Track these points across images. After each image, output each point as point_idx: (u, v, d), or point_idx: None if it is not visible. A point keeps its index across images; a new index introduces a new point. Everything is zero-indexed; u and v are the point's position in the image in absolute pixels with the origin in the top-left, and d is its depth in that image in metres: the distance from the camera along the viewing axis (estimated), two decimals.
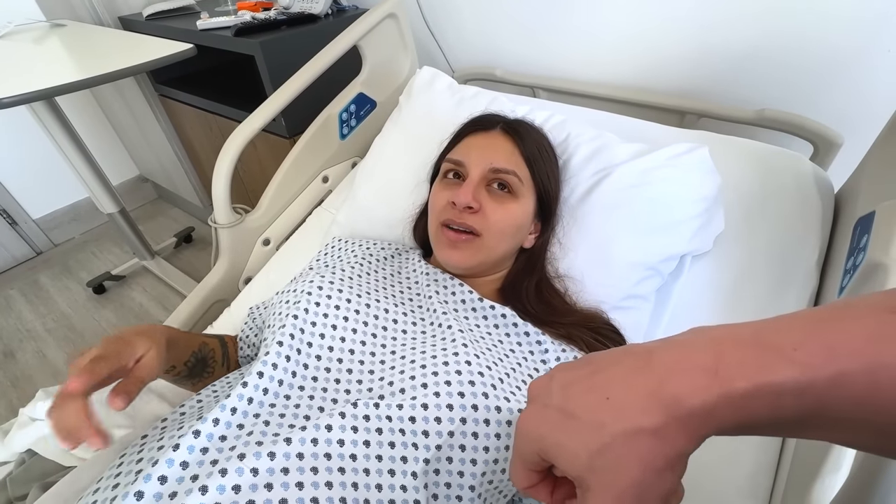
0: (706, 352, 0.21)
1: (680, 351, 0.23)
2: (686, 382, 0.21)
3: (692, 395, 0.20)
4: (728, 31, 0.82)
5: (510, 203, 0.58)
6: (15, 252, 1.80)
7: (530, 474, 0.26)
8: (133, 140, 1.90)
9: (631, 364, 0.23)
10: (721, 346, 0.21)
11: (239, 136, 0.78)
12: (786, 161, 0.71)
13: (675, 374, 0.21)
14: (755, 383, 0.20)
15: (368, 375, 0.47)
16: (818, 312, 0.21)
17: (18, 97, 0.88)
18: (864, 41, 0.72)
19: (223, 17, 1.18)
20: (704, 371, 0.21)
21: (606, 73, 0.99)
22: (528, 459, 0.25)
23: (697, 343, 0.22)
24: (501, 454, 0.42)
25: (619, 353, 0.25)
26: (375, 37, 0.93)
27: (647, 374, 0.22)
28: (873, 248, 0.46)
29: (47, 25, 1.38)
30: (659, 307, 0.65)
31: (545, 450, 0.23)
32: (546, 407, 0.24)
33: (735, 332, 0.22)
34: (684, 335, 0.24)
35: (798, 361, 0.19)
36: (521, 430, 0.25)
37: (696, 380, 0.21)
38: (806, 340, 0.20)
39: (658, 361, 0.23)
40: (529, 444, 0.24)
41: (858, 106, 0.77)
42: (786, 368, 0.19)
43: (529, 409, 0.26)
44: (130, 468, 0.36)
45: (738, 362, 0.20)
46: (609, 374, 0.24)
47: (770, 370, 0.20)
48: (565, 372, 0.26)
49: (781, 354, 0.20)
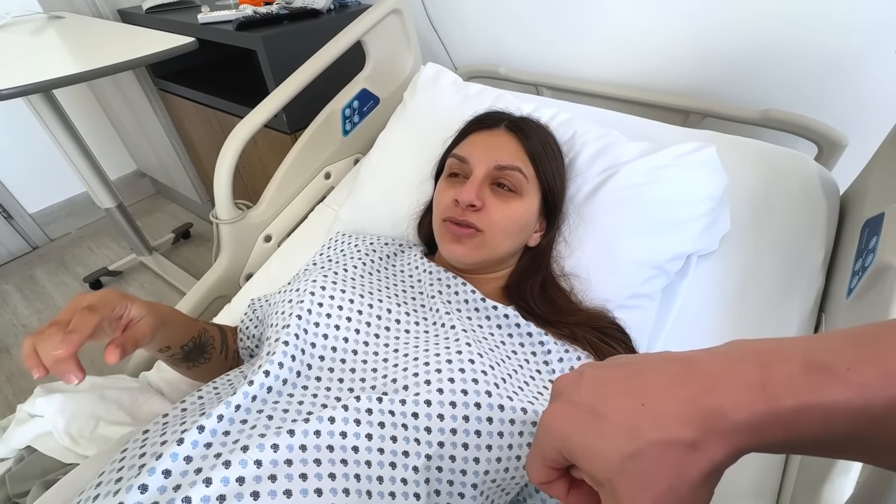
0: (752, 365, 0.21)
1: (724, 362, 0.22)
2: (730, 395, 0.20)
3: (736, 409, 0.20)
4: (733, 31, 0.82)
5: (514, 201, 0.57)
6: (10, 246, 1.79)
7: (548, 471, 0.25)
8: (131, 134, 1.88)
9: (671, 371, 0.23)
10: (767, 360, 0.21)
11: (242, 131, 0.77)
12: (791, 162, 0.71)
13: (719, 386, 0.21)
14: (805, 402, 0.19)
15: (371, 374, 0.47)
16: (867, 330, 0.20)
17: (16, 89, 0.87)
18: (869, 42, 0.72)
19: (224, 10, 1.17)
20: (750, 385, 0.20)
21: (610, 72, 0.99)
22: (548, 456, 0.24)
23: (742, 355, 0.22)
24: (504, 452, 0.42)
25: (657, 358, 0.24)
26: (379, 32, 0.92)
27: (689, 383, 0.21)
28: (883, 249, 0.46)
29: (45, 17, 1.36)
30: (664, 306, 0.65)
31: (569, 448, 0.23)
32: (574, 405, 0.24)
33: (781, 348, 0.21)
34: (725, 347, 0.23)
35: (852, 382, 0.19)
36: (546, 425, 0.24)
37: (741, 393, 0.20)
38: (860, 360, 0.19)
39: (701, 371, 0.22)
40: (552, 441, 0.24)
41: (863, 107, 0.77)
42: (839, 389, 0.19)
43: (555, 405, 0.25)
44: (133, 462, 0.36)
45: (787, 379, 0.20)
46: (645, 380, 0.23)
47: (821, 389, 0.19)
48: (597, 370, 0.25)
49: (833, 374, 0.19)
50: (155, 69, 1.49)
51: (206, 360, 0.58)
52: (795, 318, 0.61)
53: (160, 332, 0.49)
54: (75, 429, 0.55)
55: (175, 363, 0.55)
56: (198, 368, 0.58)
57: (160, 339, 0.50)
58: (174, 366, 0.56)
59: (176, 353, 0.53)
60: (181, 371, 0.58)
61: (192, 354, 0.55)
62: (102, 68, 0.96)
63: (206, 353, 0.57)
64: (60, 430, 0.54)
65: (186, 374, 0.59)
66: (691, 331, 0.64)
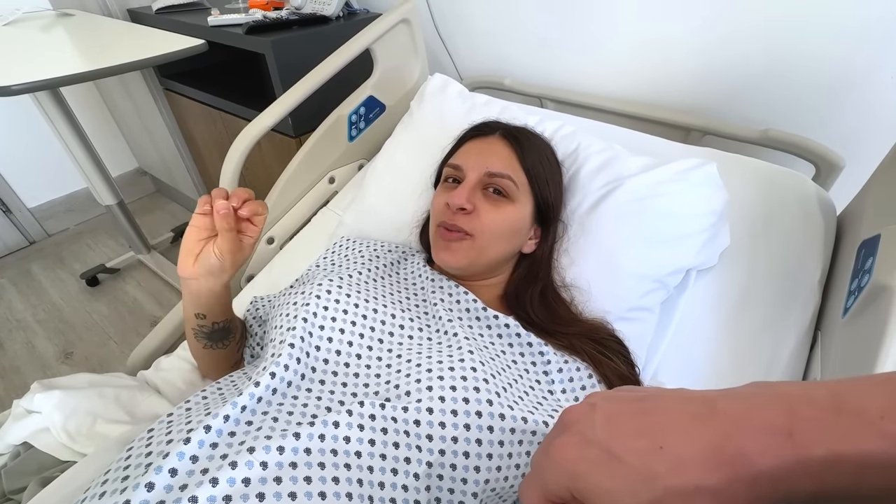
0: (777, 409, 0.20)
1: (748, 404, 0.20)
2: (756, 441, 0.19)
3: (763, 456, 0.19)
4: (735, 49, 0.84)
5: (506, 206, 0.58)
6: (8, 240, 1.78)
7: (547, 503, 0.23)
8: (134, 132, 1.89)
9: (690, 411, 0.21)
10: (794, 404, 0.19)
11: (250, 133, 0.78)
12: (790, 181, 0.72)
13: (744, 430, 0.19)
14: (836, 452, 0.18)
15: (375, 379, 0.47)
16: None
17: (24, 85, 0.87)
18: (869, 65, 0.74)
19: (234, 14, 1.18)
20: (777, 431, 0.19)
21: (614, 87, 1.01)
22: (551, 490, 0.23)
23: (767, 399, 0.20)
24: (504, 461, 0.43)
25: (674, 396, 0.23)
26: (388, 41, 0.93)
27: (711, 425, 0.20)
28: (879, 270, 0.47)
29: (55, 14, 1.37)
30: (663, 320, 0.66)
31: (581, 489, 0.21)
32: (587, 442, 0.22)
33: (808, 391, 0.20)
34: (746, 388, 0.22)
35: (887, 433, 0.17)
36: (556, 460, 0.23)
37: (767, 439, 0.19)
38: (894, 408, 0.18)
39: (723, 413, 0.20)
40: (561, 478, 0.22)
41: (861, 129, 0.79)
42: (872, 438, 0.17)
43: (566, 439, 0.23)
44: (140, 461, 0.36)
45: (816, 426, 0.19)
46: (663, 419, 0.21)
47: (853, 438, 0.18)
48: (610, 403, 0.24)
49: (866, 422, 0.18)
50: (162, 69, 1.50)
51: (223, 346, 0.58)
52: (792, 334, 0.62)
53: (212, 298, 0.52)
54: (73, 426, 0.55)
55: (197, 337, 0.56)
56: (212, 351, 0.58)
57: (206, 303, 0.52)
58: (194, 339, 0.57)
59: (205, 325, 0.55)
60: (195, 348, 0.59)
61: (216, 335, 0.56)
62: (111, 67, 0.97)
63: (226, 340, 0.58)
64: (58, 426, 0.54)
65: (198, 354, 0.60)
66: (690, 344, 0.65)
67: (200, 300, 0.52)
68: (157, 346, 0.82)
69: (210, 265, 0.49)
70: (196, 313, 0.53)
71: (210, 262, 0.48)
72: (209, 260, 0.48)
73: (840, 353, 0.52)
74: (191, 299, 0.52)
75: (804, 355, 0.61)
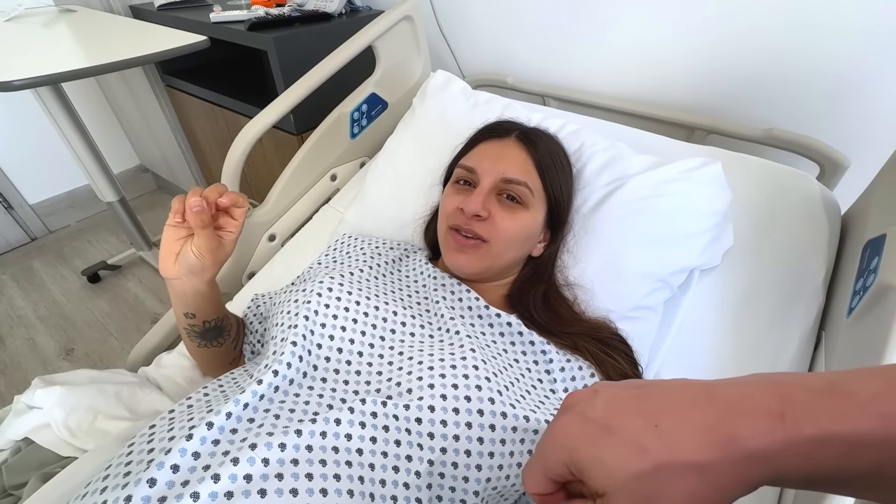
0: (771, 394, 0.20)
1: (743, 390, 0.21)
2: (747, 423, 0.20)
3: (753, 437, 0.19)
4: (739, 47, 0.83)
5: (520, 212, 0.58)
6: (9, 237, 1.78)
7: (548, 482, 0.24)
8: (135, 129, 1.89)
9: (687, 396, 0.22)
10: (788, 389, 0.20)
11: (252, 130, 0.78)
12: (794, 180, 0.72)
13: (737, 413, 0.20)
14: (826, 431, 0.18)
15: (377, 377, 0.47)
16: (893, 367, 0.20)
17: (25, 81, 0.87)
18: (874, 64, 0.73)
19: (236, 10, 1.18)
20: (769, 413, 0.20)
21: (617, 85, 1.00)
22: (551, 468, 0.24)
23: (762, 385, 0.21)
24: (506, 460, 0.42)
25: (675, 383, 0.24)
26: (390, 38, 0.93)
27: (706, 408, 0.21)
28: (884, 270, 0.47)
29: (56, 10, 1.37)
30: (667, 319, 0.66)
31: (577, 462, 0.22)
32: (586, 419, 0.23)
33: (804, 379, 0.21)
34: (746, 377, 0.22)
35: (878, 412, 0.18)
36: (554, 437, 0.24)
37: (759, 421, 0.20)
38: (886, 392, 0.18)
39: (718, 398, 0.21)
40: (559, 453, 0.23)
41: (866, 129, 0.78)
42: (862, 418, 0.18)
43: (566, 418, 0.24)
44: (141, 457, 0.36)
45: (807, 408, 0.19)
46: (661, 403, 0.22)
47: (844, 418, 0.18)
48: (612, 388, 0.25)
49: (857, 403, 0.19)
50: (163, 65, 1.50)
51: (219, 343, 0.58)
52: (796, 334, 0.62)
53: (198, 297, 0.51)
54: (74, 422, 0.55)
55: (191, 336, 0.56)
56: (207, 350, 0.58)
57: (193, 302, 0.52)
58: (188, 339, 0.57)
59: (196, 325, 0.54)
60: (190, 348, 0.59)
61: (208, 333, 0.56)
62: (113, 63, 0.97)
63: (220, 338, 0.58)
64: (59, 422, 0.54)
65: (194, 353, 0.60)
66: (693, 344, 0.65)
67: (187, 300, 0.52)
68: (158, 342, 0.82)
69: (190, 264, 0.48)
70: (185, 313, 0.53)
71: (190, 262, 0.48)
72: (188, 259, 0.48)
73: (844, 354, 0.52)
74: (178, 299, 0.52)
75: (808, 355, 0.61)
